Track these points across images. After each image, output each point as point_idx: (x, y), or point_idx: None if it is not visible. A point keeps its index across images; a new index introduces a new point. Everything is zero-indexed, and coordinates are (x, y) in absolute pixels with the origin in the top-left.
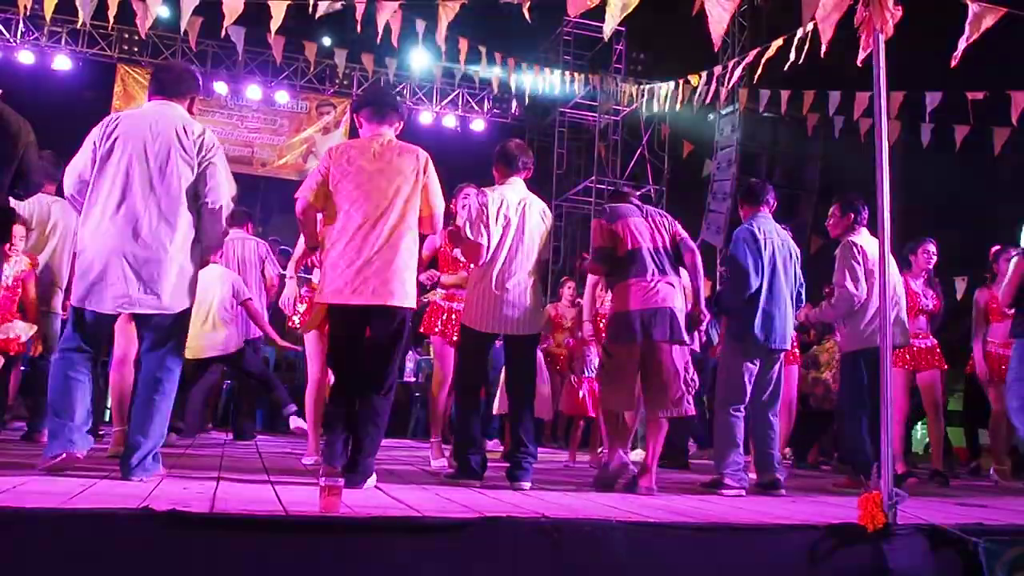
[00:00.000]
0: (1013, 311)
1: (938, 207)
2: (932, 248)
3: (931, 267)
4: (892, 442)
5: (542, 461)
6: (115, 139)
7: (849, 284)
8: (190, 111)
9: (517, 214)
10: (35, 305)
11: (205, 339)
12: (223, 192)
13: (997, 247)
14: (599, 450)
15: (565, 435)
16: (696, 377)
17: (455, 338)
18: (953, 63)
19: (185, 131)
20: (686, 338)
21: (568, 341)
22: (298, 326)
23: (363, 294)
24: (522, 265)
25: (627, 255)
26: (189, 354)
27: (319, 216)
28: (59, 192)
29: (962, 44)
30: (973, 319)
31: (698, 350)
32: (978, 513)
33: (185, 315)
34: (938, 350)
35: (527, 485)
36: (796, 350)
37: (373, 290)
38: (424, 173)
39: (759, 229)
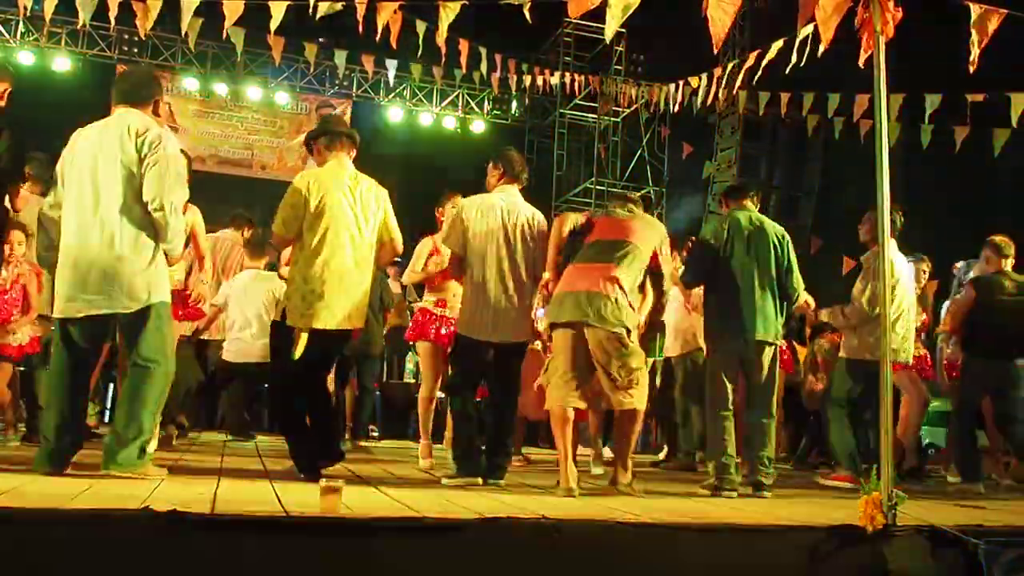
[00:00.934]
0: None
1: (938, 209)
2: (925, 268)
3: (923, 285)
4: (891, 444)
5: (542, 462)
6: (73, 155)
7: (864, 299)
8: (156, 113)
9: (505, 221)
10: (35, 309)
11: (244, 344)
12: (163, 191)
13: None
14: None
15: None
16: None
17: (443, 344)
18: (971, 69)
19: (129, 133)
20: None
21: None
22: None
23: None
24: (511, 272)
25: None
26: (228, 356)
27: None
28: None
29: (974, 50)
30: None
31: None
32: (977, 514)
33: (154, 310)
34: (928, 360)
35: (502, 483)
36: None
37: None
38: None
39: (724, 219)
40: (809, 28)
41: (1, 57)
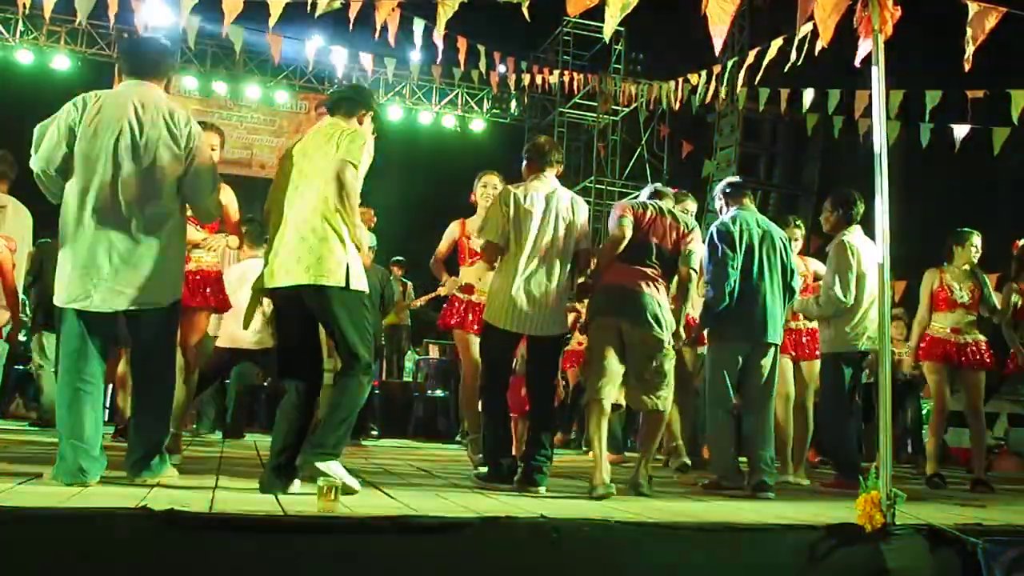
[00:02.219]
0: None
1: (938, 207)
2: (978, 242)
3: (974, 260)
4: (891, 443)
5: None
6: (91, 122)
7: (837, 289)
8: (167, 91)
9: (543, 209)
10: (11, 291)
11: (238, 331)
12: (212, 187)
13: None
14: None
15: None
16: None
17: (475, 328)
18: (966, 67)
19: (173, 120)
20: None
21: None
22: None
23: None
24: (548, 262)
25: None
26: (221, 343)
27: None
28: (11, 191)
29: (970, 48)
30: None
31: None
32: (976, 513)
33: (174, 308)
34: (984, 346)
35: (543, 489)
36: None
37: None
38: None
39: (735, 221)
40: (808, 26)
41: None
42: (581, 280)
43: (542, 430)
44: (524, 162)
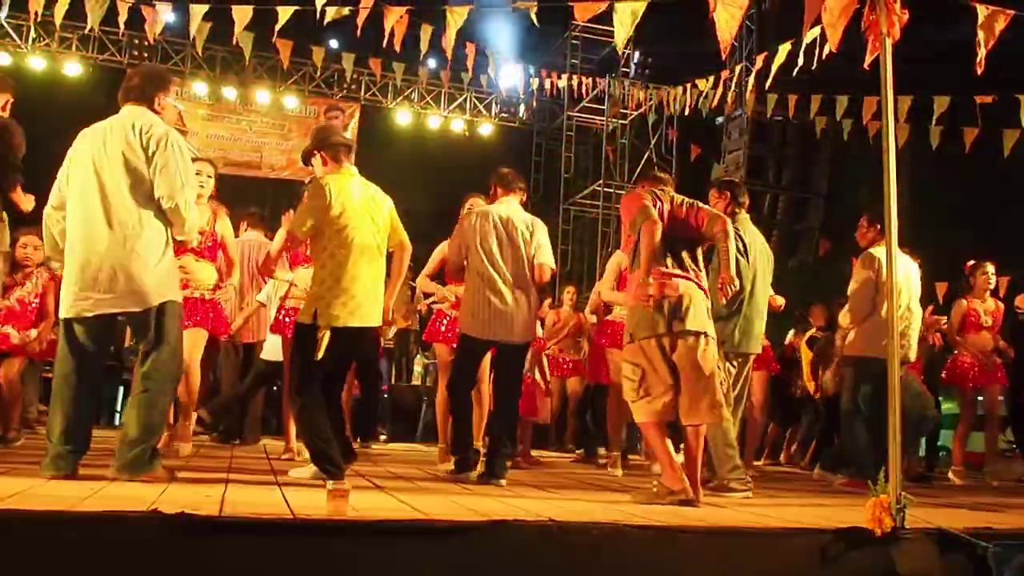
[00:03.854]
0: None
1: (949, 210)
2: (991, 269)
3: (992, 287)
4: (899, 447)
5: (548, 464)
6: (78, 154)
7: (861, 300)
8: (162, 107)
9: (508, 230)
10: (51, 316)
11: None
12: (175, 188)
13: (972, 262)
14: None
15: (573, 439)
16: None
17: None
18: (979, 71)
19: (134, 131)
20: None
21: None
22: None
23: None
24: (515, 276)
25: None
26: (267, 355)
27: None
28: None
29: (981, 51)
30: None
31: None
32: (987, 517)
33: (162, 309)
34: (1000, 365)
35: (504, 482)
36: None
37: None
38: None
39: (745, 232)
40: (816, 30)
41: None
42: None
43: (507, 428)
44: (492, 185)
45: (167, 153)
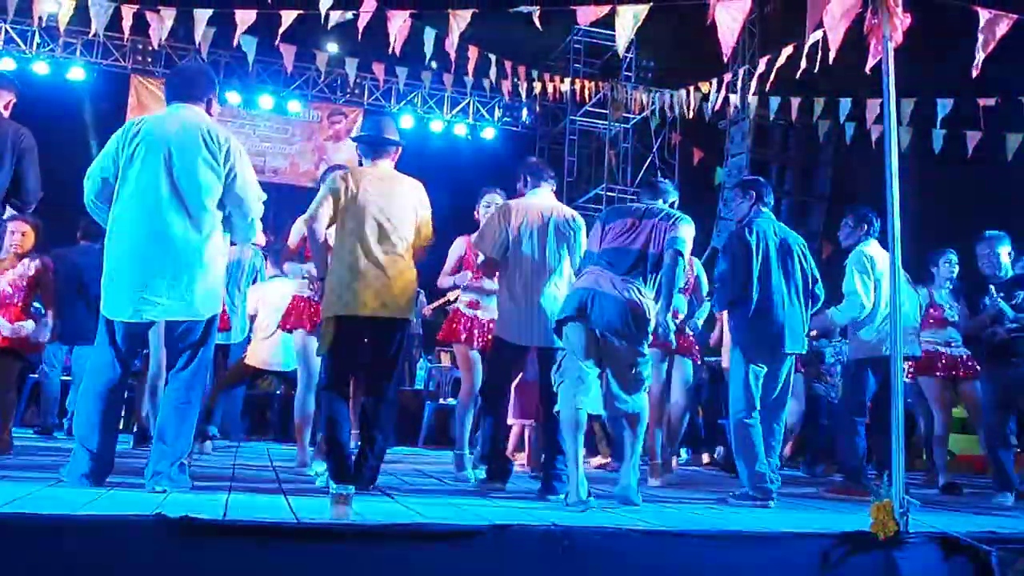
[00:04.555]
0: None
1: (952, 214)
2: (953, 258)
3: (953, 276)
4: (902, 451)
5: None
6: (137, 144)
7: (859, 290)
8: (208, 112)
9: (542, 225)
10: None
11: (268, 351)
12: (253, 202)
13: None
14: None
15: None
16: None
17: (477, 345)
18: (974, 73)
19: (211, 137)
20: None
21: None
22: None
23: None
24: (548, 276)
25: None
26: (251, 360)
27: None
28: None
29: (980, 54)
30: None
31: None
32: (990, 522)
33: (213, 321)
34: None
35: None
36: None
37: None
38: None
39: (751, 231)
40: (818, 34)
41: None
42: None
43: (556, 439)
44: (519, 179)
45: (243, 162)
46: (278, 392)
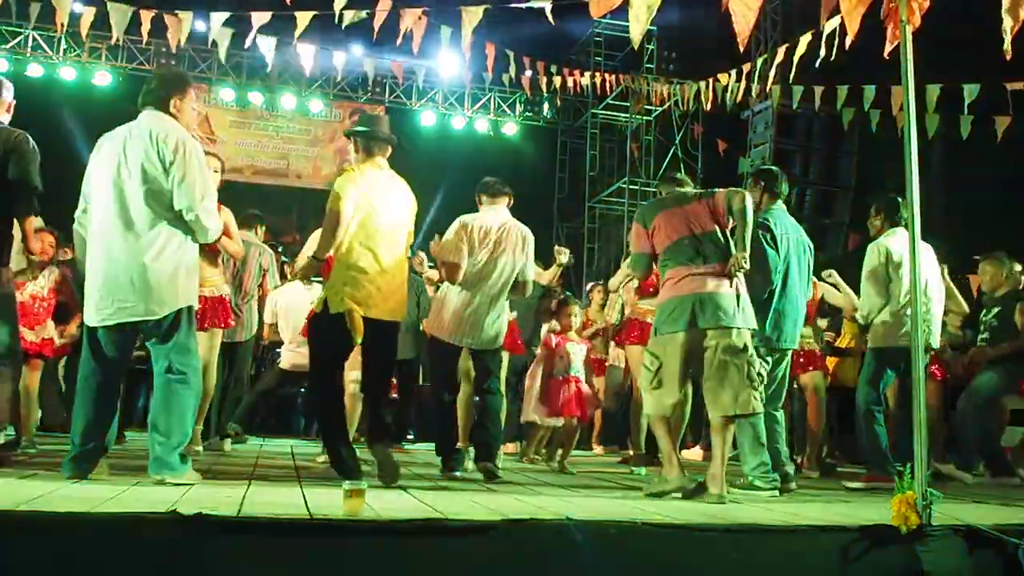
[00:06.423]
0: None
1: (981, 201)
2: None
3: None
4: (925, 442)
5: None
6: (98, 158)
7: (870, 289)
8: (179, 109)
9: (495, 237)
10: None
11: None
12: (195, 199)
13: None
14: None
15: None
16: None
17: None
18: (1007, 56)
19: (152, 140)
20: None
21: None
22: None
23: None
24: (494, 284)
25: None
26: (285, 364)
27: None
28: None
29: (1007, 36)
30: None
31: None
32: (1017, 514)
33: (180, 315)
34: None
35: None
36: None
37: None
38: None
39: (776, 223)
40: (836, 20)
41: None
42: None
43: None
44: (476, 196)
45: (184, 163)
46: (302, 389)
